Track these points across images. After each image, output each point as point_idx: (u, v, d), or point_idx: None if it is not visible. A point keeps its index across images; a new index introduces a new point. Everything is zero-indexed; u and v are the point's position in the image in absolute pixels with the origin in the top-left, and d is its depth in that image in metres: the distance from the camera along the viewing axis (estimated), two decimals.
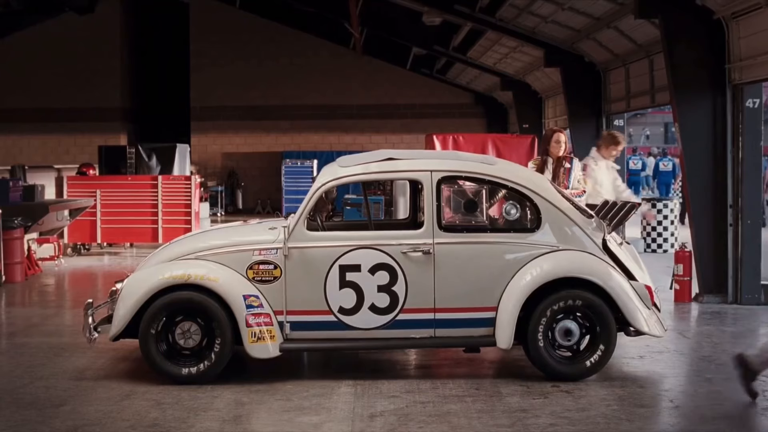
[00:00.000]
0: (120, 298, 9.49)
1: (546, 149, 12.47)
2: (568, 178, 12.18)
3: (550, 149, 12.41)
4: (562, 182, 12.05)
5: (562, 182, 12.05)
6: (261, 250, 9.46)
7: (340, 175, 9.78)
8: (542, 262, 9.43)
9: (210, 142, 38.00)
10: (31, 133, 36.43)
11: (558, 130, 12.63)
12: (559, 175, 12.17)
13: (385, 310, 9.37)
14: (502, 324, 9.35)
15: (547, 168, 12.28)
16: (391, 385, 9.27)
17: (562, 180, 12.12)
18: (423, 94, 36.72)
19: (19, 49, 36.01)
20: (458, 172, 9.70)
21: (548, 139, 12.49)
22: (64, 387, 9.31)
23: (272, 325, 9.33)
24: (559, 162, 12.35)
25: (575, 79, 22.17)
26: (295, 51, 36.65)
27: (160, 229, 21.46)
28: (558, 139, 12.41)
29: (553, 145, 12.39)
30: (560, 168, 12.29)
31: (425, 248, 9.36)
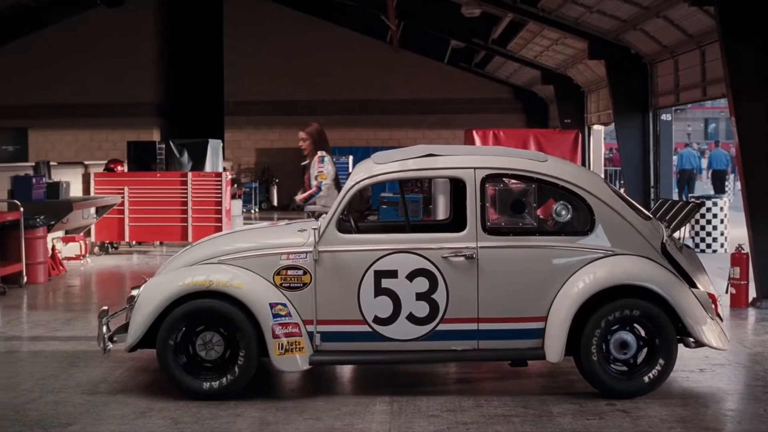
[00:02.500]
0: (136, 305, 8.77)
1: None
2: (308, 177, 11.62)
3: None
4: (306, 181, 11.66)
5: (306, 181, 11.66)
6: (289, 254, 8.72)
7: (376, 173, 9.01)
8: (596, 268, 8.64)
9: (244, 137, 37.46)
10: (62, 128, 36.14)
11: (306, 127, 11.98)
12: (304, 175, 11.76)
13: (424, 319, 8.60)
14: (551, 336, 8.56)
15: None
16: (431, 402, 8.50)
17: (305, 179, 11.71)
18: (461, 89, 35.93)
19: (50, 44, 35.77)
20: (504, 170, 8.91)
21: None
22: (75, 402, 8.60)
23: (301, 336, 8.58)
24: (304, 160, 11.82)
25: (620, 71, 21.39)
26: (331, 45, 36.03)
27: (190, 228, 20.78)
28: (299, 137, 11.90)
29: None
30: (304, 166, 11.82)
31: (468, 253, 8.57)
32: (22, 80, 35.69)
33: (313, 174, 11.39)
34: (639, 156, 21.33)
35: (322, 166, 11.32)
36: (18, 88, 35.60)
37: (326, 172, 11.35)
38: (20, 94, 35.48)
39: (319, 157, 11.38)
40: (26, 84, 35.63)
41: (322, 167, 11.32)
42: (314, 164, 11.41)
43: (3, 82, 35.68)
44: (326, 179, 11.33)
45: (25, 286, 15.67)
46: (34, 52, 35.84)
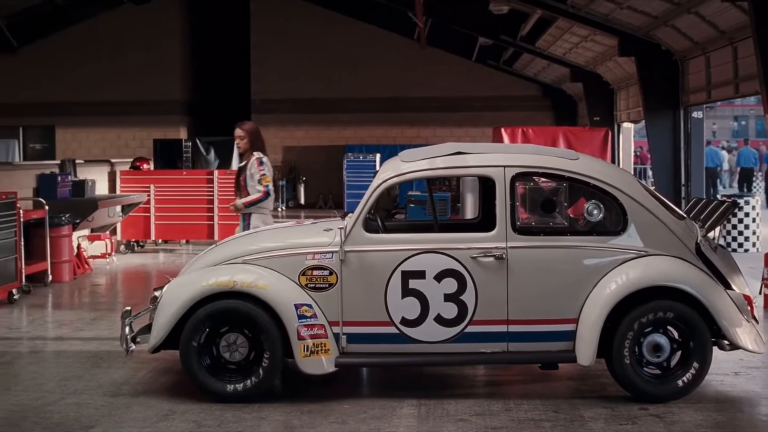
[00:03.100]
0: (159, 306, 8.61)
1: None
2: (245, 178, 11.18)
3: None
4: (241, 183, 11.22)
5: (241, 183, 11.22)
6: (315, 254, 8.54)
7: (403, 171, 8.80)
8: (628, 269, 8.41)
9: (271, 135, 37.13)
10: (89, 126, 36.20)
11: (238, 125, 11.43)
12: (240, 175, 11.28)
13: (452, 321, 8.40)
14: (583, 338, 8.35)
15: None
16: (459, 406, 8.30)
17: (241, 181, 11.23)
18: (489, 86, 35.71)
19: (77, 42, 35.85)
20: (535, 168, 8.69)
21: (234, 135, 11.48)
22: (97, 404, 8.45)
23: (327, 338, 8.40)
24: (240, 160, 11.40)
25: (651, 68, 21.15)
26: (358, 42, 35.88)
27: (216, 226, 20.64)
28: (236, 135, 11.35)
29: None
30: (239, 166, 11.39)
31: (498, 253, 8.38)
32: (50, 78, 35.76)
33: (255, 177, 11.01)
34: (670, 154, 21.07)
35: (262, 168, 10.99)
36: (45, 85, 35.67)
37: (268, 174, 11.06)
38: (47, 91, 35.54)
39: (258, 158, 10.99)
40: (53, 82, 35.70)
41: (263, 169, 10.99)
42: (253, 166, 10.99)
43: (30, 80, 35.77)
44: (269, 182, 11.05)
45: (50, 284, 15.55)
46: (61, 49, 35.90)
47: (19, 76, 36.04)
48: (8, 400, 8.64)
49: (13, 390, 9.00)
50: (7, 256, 13.78)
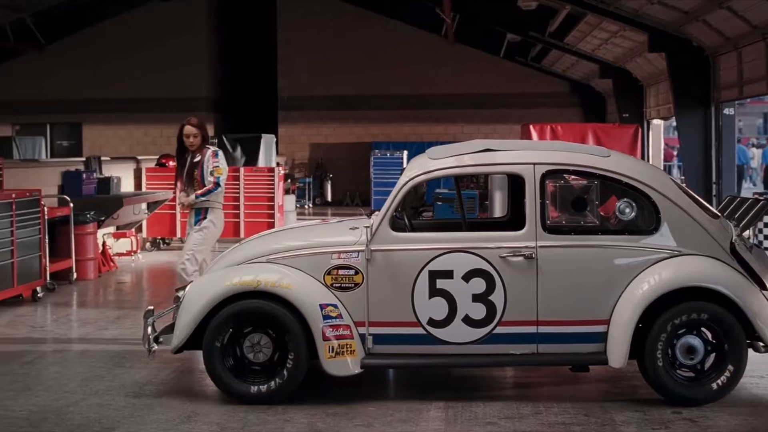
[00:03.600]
0: (182, 305, 8.47)
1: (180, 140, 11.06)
2: (201, 173, 10.80)
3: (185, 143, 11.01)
4: (196, 178, 10.81)
5: (196, 178, 10.81)
6: (340, 253, 8.37)
7: (430, 169, 8.61)
8: (661, 269, 8.21)
9: (298, 132, 37.24)
10: (116, 123, 36.21)
11: (189, 122, 11.02)
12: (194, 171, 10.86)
13: (480, 322, 8.22)
14: (614, 340, 8.15)
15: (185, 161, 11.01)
16: (487, 409, 8.13)
17: (195, 175, 10.83)
18: (517, 83, 35.46)
19: (104, 39, 35.89)
20: (565, 166, 8.49)
21: (180, 131, 11.00)
22: (118, 405, 8.31)
23: (352, 339, 8.24)
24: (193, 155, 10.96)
25: (682, 64, 20.82)
26: (385, 39, 35.71)
27: (242, 224, 20.51)
28: (187, 133, 10.93)
29: (184, 139, 10.97)
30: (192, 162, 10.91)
31: (527, 252, 8.19)
32: (77, 75, 35.81)
33: (208, 169, 10.79)
34: (700, 151, 20.76)
35: (217, 161, 10.76)
36: (72, 83, 35.72)
37: (222, 167, 10.86)
38: (75, 89, 35.57)
39: (213, 152, 10.77)
40: (80, 79, 35.74)
41: (217, 161, 10.76)
42: (208, 159, 10.75)
43: (58, 77, 35.82)
44: (222, 174, 10.85)
45: (75, 282, 15.46)
46: (88, 46, 35.93)
47: (46, 72, 36.11)
48: (29, 400, 8.51)
49: (34, 390, 8.88)
50: (31, 254, 13.68)
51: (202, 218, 10.89)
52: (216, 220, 10.97)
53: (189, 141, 10.88)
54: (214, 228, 10.98)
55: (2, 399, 8.54)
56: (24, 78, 36.38)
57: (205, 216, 10.88)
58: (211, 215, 10.90)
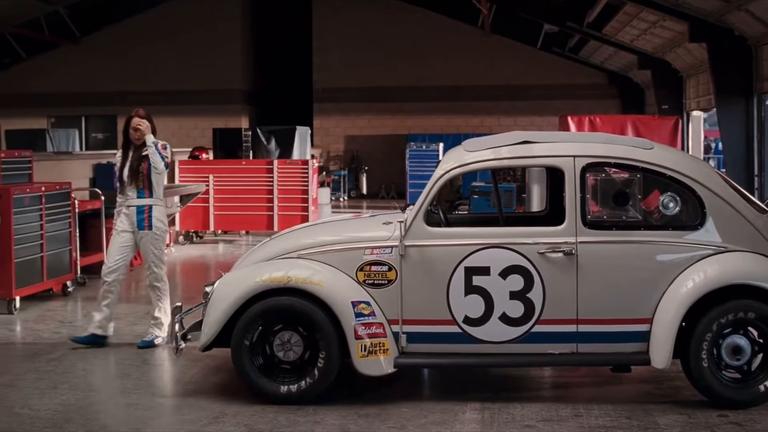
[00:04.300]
0: (210, 302, 8.24)
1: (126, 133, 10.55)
2: (148, 167, 10.31)
3: (129, 135, 10.48)
4: (142, 171, 10.31)
5: (142, 171, 10.31)
6: (373, 249, 8.11)
7: (467, 161, 8.35)
8: (706, 266, 7.90)
9: (333, 124, 37.09)
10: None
11: (137, 113, 10.48)
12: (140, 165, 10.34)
13: (518, 320, 7.95)
14: (657, 339, 7.84)
15: (127, 155, 10.46)
16: (525, 411, 7.84)
17: (142, 170, 10.31)
18: (554, 75, 35.13)
19: (139, 31, 35.88)
20: (607, 158, 8.19)
21: (126, 123, 10.52)
22: (145, 405, 8.09)
23: (385, 337, 7.98)
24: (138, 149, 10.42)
25: (723, 55, 20.37)
26: (420, 30, 35.46)
27: (276, 217, 20.29)
28: (135, 125, 10.39)
29: (131, 132, 10.42)
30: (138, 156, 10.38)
31: (567, 248, 7.90)
32: (112, 67, 35.81)
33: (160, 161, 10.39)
34: (742, 144, 20.34)
35: (166, 153, 10.42)
36: (107, 75, 35.72)
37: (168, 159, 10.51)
38: (109, 81, 35.57)
39: (163, 144, 10.39)
40: (115, 71, 35.73)
41: (166, 154, 10.43)
42: (159, 151, 10.29)
43: (93, 70, 35.84)
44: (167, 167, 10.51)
45: None
46: (123, 39, 35.93)
47: (81, 65, 36.14)
48: (54, 399, 8.31)
49: (59, 388, 8.67)
50: (61, 248, 13.50)
51: (146, 218, 10.39)
52: (162, 218, 10.53)
53: (137, 134, 10.37)
54: (164, 226, 10.58)
55: (27, 397, 8.35)
56: (59, 70, 36.43)
57: (149, 215, 10.39)
58: (156, 212, 10.45)
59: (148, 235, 10.41)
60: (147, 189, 10.38)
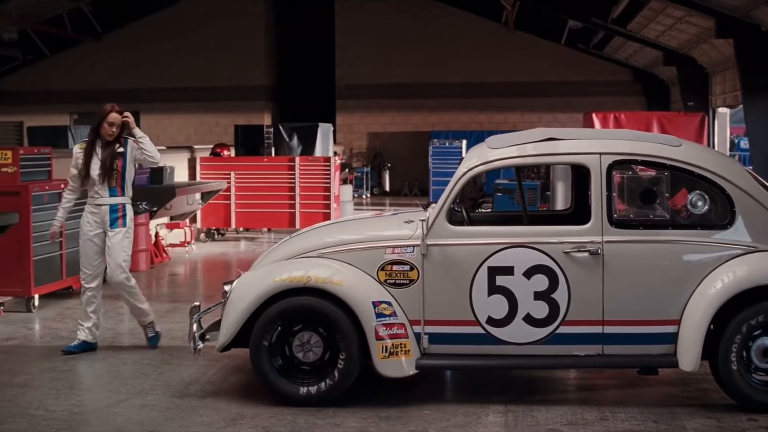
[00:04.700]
0: (229, 302, 8.10)
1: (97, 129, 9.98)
2: (123, 164, 9.91)
3: (101, 130, 9.94)
4: (116, 168, 9.87)
5: (116, 168, 9.87)
6: (394, 248, 7.96)
7: (490, 159, 8.17)
8: (736, 266, 7.70)
9: (356, 121, 36.95)
10: (173, 112, 36.10)
11: (113, 108, 9.96)
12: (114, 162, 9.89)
13: (542, 321, 7.78)
14: (685, 341, 7.65)
15: (95, 153, 9.93)
16: (549, 413, 7.67)
17: (116, 167, 9.88)
18: (578, 71, 34.88)
19: (161, 28, 35.86)
20: (634, 156, 7.99)
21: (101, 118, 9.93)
22: (162, 406, 7.95)
23: (407, 338, 7.82)
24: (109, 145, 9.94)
25: (750, 51, 20.09)
26: (443, 26, 35.32)
27: (298, 214, 20.16)
28: (112, 121, 9.88)
29: (105, 126, 9.89)
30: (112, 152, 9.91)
31: (592, 248, 7.72)
32: (134, 64, 35.79)
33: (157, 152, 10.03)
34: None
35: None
36: (130, 72, 35.70)
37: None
38: (131, 77, 35.53)
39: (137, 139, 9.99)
40: (137, 68, 35.72)
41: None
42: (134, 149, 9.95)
43: (115, 66, 35.83)
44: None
45: None
46: (145, 35, 35.90)
47: (103, 62, 36.14)
48: (70, 399, 8.19)
49: (76, 389, 8.58)
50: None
51: (120, 217, 10.01)
52: (132, 216, 10.20)
53: (112, 130, 9.89)
54: (132, 227, 10.21)
55: (43, 398, 8.23)
56: (82, 67, 36.44)
57: (123, 214, 10.03)
58: (129, 212, 10.11)
59: (121, 232, 9.97)
60: (119, 187, 9.99)
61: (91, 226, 9.98)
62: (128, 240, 10.08)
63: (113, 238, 9.95)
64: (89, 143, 9.99)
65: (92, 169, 9.90)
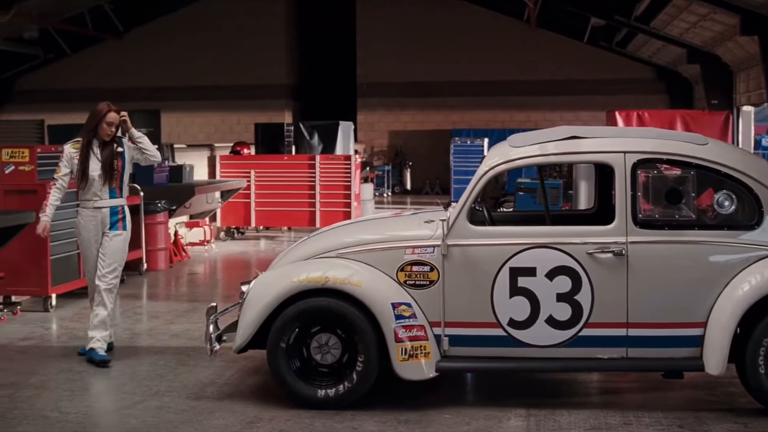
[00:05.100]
0: (245, 303, 7.97)
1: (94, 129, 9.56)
2: (122, 164, 9.59)
3: (99, 130, 9.54)
4: (116, 169, 9.53)
5: (116, 169, 9.53)
6: (414, 248, 7.81)
7: (512, 157, 8.01)
8: (763, 268, 7.51)
9: (377, 119, 36.86)
10: (194, 111, 36.08)
11: (111, 108, 9.58)
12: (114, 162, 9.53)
13: (565, 323, 7.61)
14: (712, 344, 7.47)
15: (93, 152, 9.54)
16: (572, 418, 7.51)
17: (116, 167, 9.53)
18: (600, 69, 34.69)
19: (182, 26, 35.88)
20: (659, 154, 7.80)
21: (100, 118, 9.53)
22: (178, 408, 7.83)
23: (427, 340, 7.67)
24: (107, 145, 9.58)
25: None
26: (465, 24, 35.18)
27: (318, 213, 20.04)
28: (112, 120, 9.51)
29: (104, 126, 9.50)
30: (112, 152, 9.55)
31: (617, 248, 7.55)
32: (155, 62, 35.80)
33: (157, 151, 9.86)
34: None
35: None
36: (150, 70, 35.71)
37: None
38: (153, 76, 35.55)
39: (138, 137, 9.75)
40: (158, 66, 35.73)
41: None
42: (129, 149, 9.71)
43: (136, 64, 35.82)
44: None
45: (145, 273, 15.12)
46: (166, 33, 35.92)
47: (125, 60, 36.15)
48: (85, 401, 8.10)
49: (92, 390, 8.49)
50: None
51: (121, 219, 9.74)
52: (130, 219, 9.93)
53: (111, 130, 9.55)
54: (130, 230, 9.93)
55: (58, 399, 8.12)
56: (103, 65, 36.46)
57: (123, 216, 9.77)
58: (128, 214, 9.86)
59: (121, 235, 9.70)
60: (119, 188, 9.71)
61: (91, 231, 9.58)
62: (127, 242, 9.83)
63: (112, 240, 9.61)
64: (86, 144, 9.54)
65: (91, 170, 9.49)
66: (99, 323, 9.48)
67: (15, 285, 12.06)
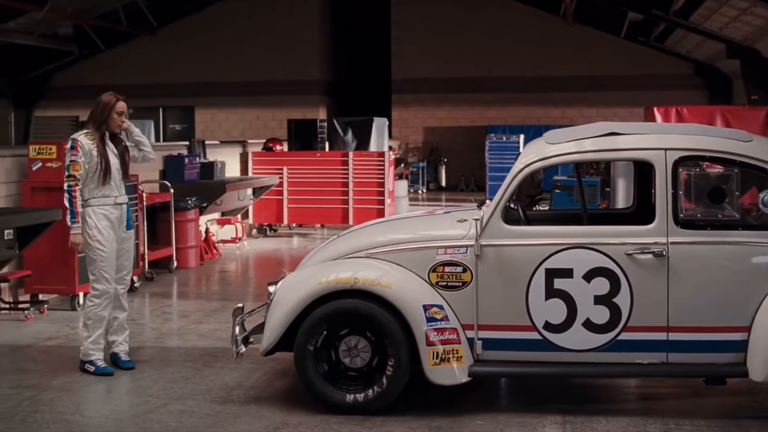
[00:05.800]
0: (272, 304, 7.74)
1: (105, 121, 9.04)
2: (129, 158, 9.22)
3: (110, 122, 9.05)
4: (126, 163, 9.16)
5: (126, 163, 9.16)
6: (447, 249, 7.55)
7: (549, 155, 7.74)
8: None
9: (411, 115, 36.63)
10: (228, 106, 36.02)
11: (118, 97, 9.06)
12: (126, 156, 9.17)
13: (603, 327, 7.35)
14: (756, 349, 7.18)
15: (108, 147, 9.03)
16: (610, 425, 7.24)
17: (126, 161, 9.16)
18: (637, 65, 34.25)
19: (216, 22, 35.76)
20: (701, 152, 7.52)
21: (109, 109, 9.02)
22: (202, 412, 7.61)
23: (459, 343, 7.42)
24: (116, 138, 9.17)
25: None
26: (501, 19, 34.87)
27: (351, 210, 19.81)
28: (122, 109, 9.02)
29: (114, 117, 9.02)
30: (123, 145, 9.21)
31: (657, 249, 7.27)
32: (189, 58, 35.72)
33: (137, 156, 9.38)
34: None
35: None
36: (185, 66, 35.64)
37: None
38: (186, 72, 35.48)
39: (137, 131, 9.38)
40: (192, 62, 35.66)
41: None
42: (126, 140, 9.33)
43: (170, 61, 35.78)
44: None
45: (175, 271, 14.96)
46: (200, 30, 35.85)
47: (159, 56, 36.10)
48: (107, 405, 7.92)
49: (114, 393, 8.29)
50: None
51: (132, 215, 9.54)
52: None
53: (122, 119, 9.11)
54: None
55: (80, 402, 7.96)
56: (137, 61, 36.41)
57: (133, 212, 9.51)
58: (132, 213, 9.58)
59: (132, 234, 9.44)
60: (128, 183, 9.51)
61: (109, 228, 8.99)
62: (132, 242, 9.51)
63: (129, 240, 9.26)
64: (101, 136, 9.07)
65: (112, 164, 9.06)
66: (118, 326, 9.19)
67: (42, 283, 11.94)
